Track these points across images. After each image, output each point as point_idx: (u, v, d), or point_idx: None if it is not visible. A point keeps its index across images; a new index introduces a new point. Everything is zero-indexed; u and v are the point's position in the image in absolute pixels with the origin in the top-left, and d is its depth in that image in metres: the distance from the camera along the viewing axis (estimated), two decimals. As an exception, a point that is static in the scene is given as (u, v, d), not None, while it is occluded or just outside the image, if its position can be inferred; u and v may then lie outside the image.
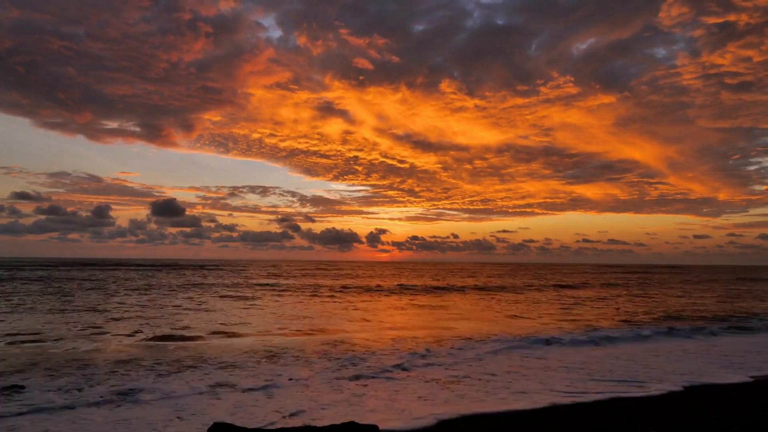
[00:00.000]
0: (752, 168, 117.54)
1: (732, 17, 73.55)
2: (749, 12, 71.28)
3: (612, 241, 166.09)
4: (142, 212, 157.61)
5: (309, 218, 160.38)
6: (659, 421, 6.91)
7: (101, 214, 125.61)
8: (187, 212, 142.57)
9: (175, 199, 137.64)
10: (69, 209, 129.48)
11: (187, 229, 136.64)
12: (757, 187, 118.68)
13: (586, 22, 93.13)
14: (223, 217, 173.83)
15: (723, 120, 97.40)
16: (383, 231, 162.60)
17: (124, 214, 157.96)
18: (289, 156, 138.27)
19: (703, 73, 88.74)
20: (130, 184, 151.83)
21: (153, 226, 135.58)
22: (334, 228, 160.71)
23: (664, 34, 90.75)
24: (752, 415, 7.18)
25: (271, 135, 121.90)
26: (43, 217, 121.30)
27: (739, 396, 8.48)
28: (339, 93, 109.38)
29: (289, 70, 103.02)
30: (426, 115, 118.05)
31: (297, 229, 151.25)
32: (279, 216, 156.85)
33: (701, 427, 6.60)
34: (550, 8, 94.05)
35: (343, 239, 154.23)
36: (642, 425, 6.68)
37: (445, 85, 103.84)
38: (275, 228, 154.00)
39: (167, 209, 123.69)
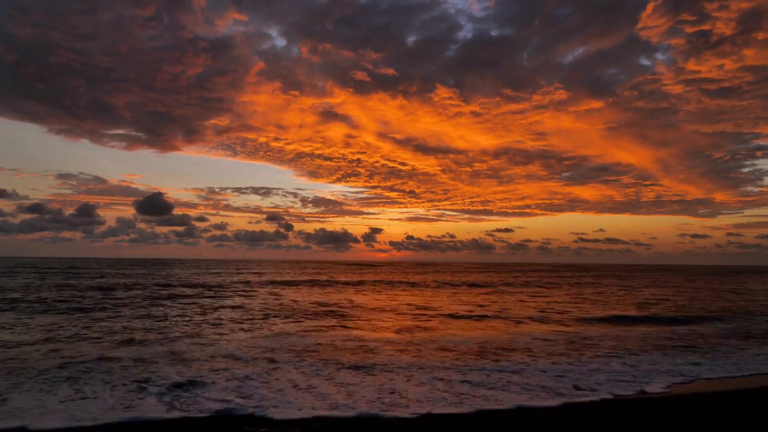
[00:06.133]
0: (745, 170, 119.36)
1: (707, 26, 77.38)
2: (724, 21, 75.10)
3: (612, 241, 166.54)
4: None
5: (311, 219, 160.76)
6: (659, 420, 6.94)
7: (90, 213, 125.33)
8: (190, 213, 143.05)
9: (161, 193, 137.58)
10: (69, 210, 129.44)
11: (179, 228, 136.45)
12: (751, 189, 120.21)
13: (573, 32, 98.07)
14: (223, 218, 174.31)
15: (707, 124, 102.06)
16: (383, 231, 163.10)
17: (125, 215, 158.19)
18: (295, 159, 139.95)
19: (682, 80, 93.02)
20: (134, 186, 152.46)
21: (152, 227, 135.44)
22: (334, 228, 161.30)
23: (645, 43, 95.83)
24: (752, 414, 7.22)
25: (276, 139, 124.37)
26: (28, 216, 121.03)
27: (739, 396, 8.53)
28: (342, 99, 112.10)
29: (292, 78, 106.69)
30: (425, 121, 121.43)
31: (296, 229, 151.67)
32: (280, 216, 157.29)
33: (701, 427, 6.63)
34: (539, 20, 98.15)
35: (343, 239, 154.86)
36: (642, 425, 6.71)
37: (441, 93, 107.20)
38: (274, 228, 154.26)
39: (154, 206, 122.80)
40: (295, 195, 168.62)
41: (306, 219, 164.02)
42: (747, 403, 7.95)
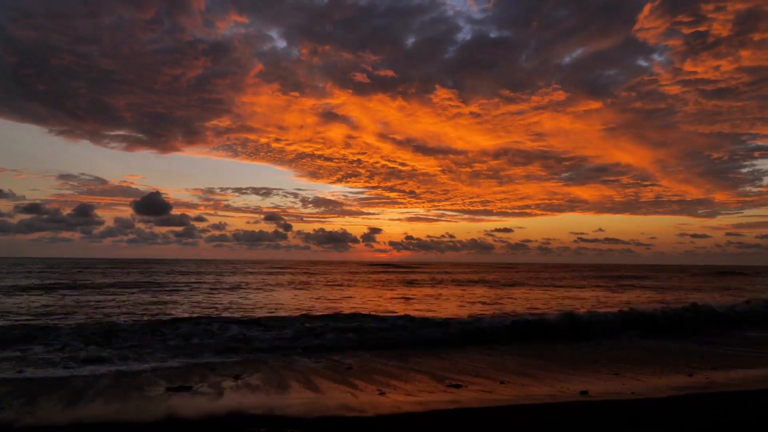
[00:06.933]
0: (744, 170, 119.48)
1: (703, 28, 78.49)
2: (720, 22, 76.31)
3: (611, 241, 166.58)
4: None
5: (310, 219, 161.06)
6: (660, 420, 6.96)
7: (89, 213, 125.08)
8: (189, 213, 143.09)
9: (159, 193, 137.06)
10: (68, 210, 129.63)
11: (178, 228, 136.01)
12: (750, 189, 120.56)
13: (571, 34, 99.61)
14: (223, 218, 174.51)
15: (704, 125, 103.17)
16: (382, 232, 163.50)
17: (125, 215, 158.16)
18: (295, 159, 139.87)
19: (680, 81, 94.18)
20: (135, 186, 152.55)
21: (151, 227, 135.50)
22: (333, 228, 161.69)
23: (642, 44, 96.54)
24: (752, 414, 7.23)
25: (277, 140, 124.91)
26: (27, 216, 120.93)
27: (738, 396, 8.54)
28: (342, 100, 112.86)
29: (292, 80, 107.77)
30: (425, 122, 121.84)
31: (296, 229, 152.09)
32: (279, 216, 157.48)
33: (701, 427, 6.64)
34: (537, 22, 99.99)
35: (343, 239, 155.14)
36: (642, 425, 6.73)
37: (440, 94, 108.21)
38: (274, 228, 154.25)
39: (152, 206, 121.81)
40: (296, 195, 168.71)
41: (305, 219, 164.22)
42: (747, 403, 7.97)
